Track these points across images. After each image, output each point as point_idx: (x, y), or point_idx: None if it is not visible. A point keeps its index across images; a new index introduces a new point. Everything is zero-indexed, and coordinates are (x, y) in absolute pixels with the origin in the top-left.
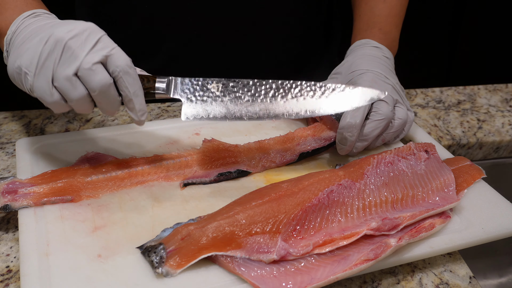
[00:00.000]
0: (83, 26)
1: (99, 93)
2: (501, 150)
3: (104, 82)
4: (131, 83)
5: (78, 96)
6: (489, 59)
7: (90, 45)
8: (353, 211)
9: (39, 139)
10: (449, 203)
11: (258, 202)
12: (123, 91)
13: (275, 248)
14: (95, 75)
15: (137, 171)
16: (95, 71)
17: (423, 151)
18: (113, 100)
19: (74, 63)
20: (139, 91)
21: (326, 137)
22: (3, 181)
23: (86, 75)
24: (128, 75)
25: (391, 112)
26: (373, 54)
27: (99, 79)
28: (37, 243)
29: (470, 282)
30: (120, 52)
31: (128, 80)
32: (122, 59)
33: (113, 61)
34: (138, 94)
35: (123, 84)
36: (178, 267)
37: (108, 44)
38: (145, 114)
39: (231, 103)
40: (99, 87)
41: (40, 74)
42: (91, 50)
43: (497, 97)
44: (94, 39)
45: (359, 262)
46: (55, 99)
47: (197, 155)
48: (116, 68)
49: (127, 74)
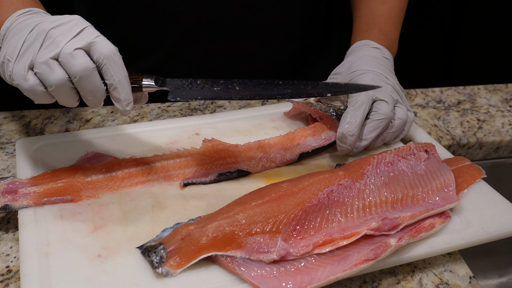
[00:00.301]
0: (69, 18)
1: (80, 78)
2: (501, 150)
3: (86, 66)
4: (116, 70)
5: (56, 80)
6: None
7: (74, 33)
8: (353, 211)
9: (39, 139)
10: (449, 203)
11: (258, 202)
12: (107, 79)
13: (275, 248)
14: (76, 59)
15: (137, 171)
16: (76, 56)
17: (423, 151)
18: (96, 88)
19: (54, 49)
20: (124, 79)
21: (326, 136)
22: (3, 181)
23: (67, 59)
24: (113, 62)
25: (391, 112)
26: (373, 55)
27: (80, 63)
28: (37, 243)
29: (470, 282)
30: (104, 40)
31: (113, 67)
32: (106, 47)
33: (97, 48)
34: (123, 82)
35: (107, 71)
36: (178, 267)
37: (92, 33)
38: (130, 104)
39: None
40: (80, 71)
41: (20, 60)
42: (74, 37)
43: (497, 97)
44: (78, 29)
45: (359, 262)
46: (31, 83)
47: (197, 155)
48: (100, 55)
49: (112, 61)
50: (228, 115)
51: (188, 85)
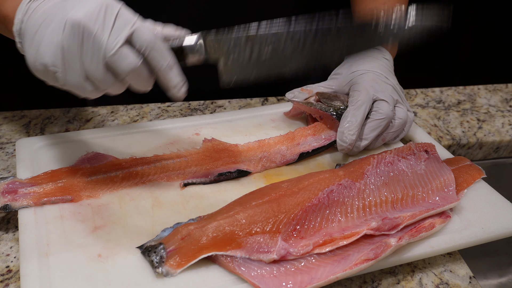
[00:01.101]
0: (97, 1)
1: (130, 76)
2: (501, 150)
3: (133, 66)
4: (161, 57)
5: (110, 85)
6: (489, 59)
7: (110, 24)
8: (353, 211)
9: (39, 139)
10: (449, 203)
11: (258, 202)
12: (154, 66)
13: (275, 248)
14: (122, 60)
15: (137, 171)
16: (121, 56)
17: (423, 151)
18: (146, 79)
19: (99, 51)
20: (172, 63)
21: (326, 136)
22: (3, 181)
23: (113, 62)
24: (156, 50)
25: (392, 112)
26: (373, 55)
27: (127, 64)
28: (37, 243)
29: (470, 282)
30: (143, 26)
31: (156, 55)
32: (146, 33)
33: (138, 37)
34: (171, 67)
35: (153, 59)
36: (178, 266)
37: (128, 18)
38: (183, 88)
39: (271, 59)
40: (129, 71)
41: (69, 70)
42: (111, 31)
43: (497, 97)
44: (112, 16)
45: (359, 262)
46: (89, 90)
47: (197, 155)
48: (143, 44)
49: (155, 49)
50: (228, 115)
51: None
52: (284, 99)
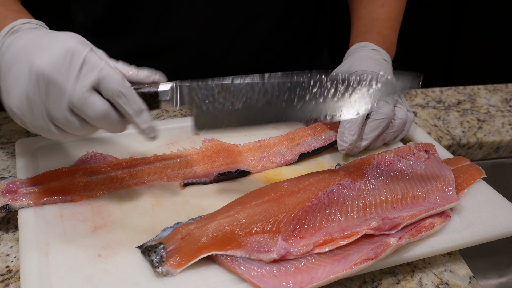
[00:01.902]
0: (63, 48)
1: (99, 122)
2: (501, 150)
3: (101, 111)
4: (129, 104)
5: (77, 128)
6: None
7: (75, 72)
8: (353, 211)
9: (39, 139)
10: (449, 202)
11: (258, 202)
12: (123, 112)
13: (275, 248)
14: (89, 107)
15: (137, 171)
16: (88, 103)
17: (423, 151)
18: (116, 123)
19: (63, 98)
20: (140, 109)
21: (326, 136)
22: (3, 181)
23: (80, 107)
24: (123, 96)
25: (392, 112)
26: (372, 57)
27: (94, 109)
28: (37, 243)
29: (470, 282)
30: (110, 72)
31: (125, 101)
32: (113, 80)
33: (105, 84)
34: (141, 112)
35: (120, 107)
36: (178, 266)
37: (94, 64)
38: (153, 131)
39: (244, 109)
40: (97, 116)
41: (34, 115)
42: (77, 77)
43: (497, 97)
44: (78, 62)
45: (359, 262)
46: (56, 134)
47: (197, 155)
48: (108, 92)
49: (122, 95)
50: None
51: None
52: None
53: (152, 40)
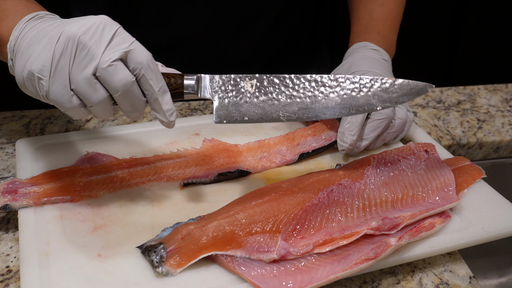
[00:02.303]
0: (96, 20)
1: (121, 93)
2: (501, 150)
3: (126, 81)
4: (155, 80)
5: (99, 99)
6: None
7: (106, 40)
8: (353, 211)
9: (39, 139)
10: (449, 202)
11: (258, 202)
12: (147, 90)
13: (275, 248)
14: (116, 74)
15: (137, 171)
16: (115, 70)
17: (423, 151)
18: (138, 100)
19: (91, 62)
20: (164, 88)
21: (326, 136)
22: (3, 181)
23: (106, 75)
24: (150, 71)
25: (392, 112)
26: (372, 56)
27: (120, 78)
28: (37, 243)
29: (470, 282)
30: (140, 47)
31: (151, 77)
32: (143, 55)
33: (134, 57)
34: (165, 92)
35: (146, 82)
36: (178, 266)
37: (125, 38)
38: (174, 114)
39: (266, 103)
40: (121, 86)
41: (55, 78)
42: (107, 46)
43: (497, 97)
44: (110, 33)
45: (359, 262)
46: (74, 104)
47: (197, 155)
48: (138, 65)
49: (150, 70)
50: None
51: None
52: None
53: (151, 40)
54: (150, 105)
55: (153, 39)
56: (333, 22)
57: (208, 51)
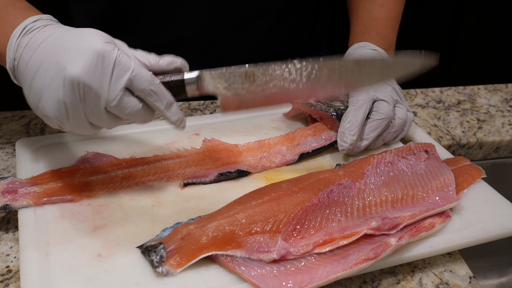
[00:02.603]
0: (92, 51)
1: (132, 118)
2: (501, 150)
3: (135, 111)
4: (160, 101)
5: (113, 125)
6: (489, 59)
7: (108, 76)
8: (353, 211)
9: (39, 139)
10: (449, 202)
11: (258, 202)
12: (154, 107)
13: (275, 248)
14: (124, 108)
15: (137, 171)
16: (123, 103)
17: (423, 151)
18: (147, 116)
19: (99, 102)
20: (170, 102)
21: (326, 136)
22: (3, 181)
23: (116, 108)
24: (154, 94)
25: (392, 112)
26: (371, 56)
27: (129, 110)
28: (37, 243)
29: (470, 282)
30: (140, 71)
31: (155, 98)
32: (144, 80)
33: (136, 86)
34: (170, 105)
35: (152, 104)
36: (178, 266)
37: (125, 65)
38: (183, 122)
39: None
40: (132, 115)
41: (74, 122)
42: (110, 82)
43: (497, 97)
44: (109, 67)
45: (359, 262)
46: (91, 130)
47: (197, 155)
48: (141, 92)
49: (153, 93)
50: (228, 115)
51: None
52: None
53: (151, 40)
54: (161, 115)
55: (153, 39)
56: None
57: (208, 51)
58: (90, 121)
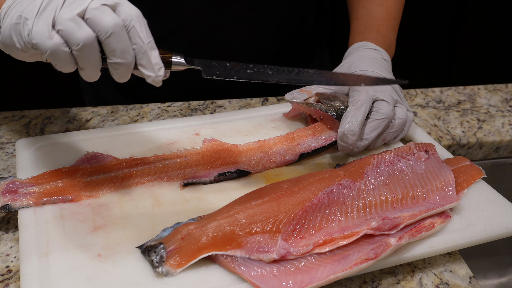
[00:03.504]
0: None
1: (111, 35)
2: (501, 150)
3: (116, 22)
4: (145, 33)
5: (84, 37)
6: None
7: None
8: (353, 211)
9: (39, 139)
10: (449, 202)
11: (258, 202)
12: (136, 43)
13: (275, 248)
14: (106, 14)
15: (137, 171)
16: (104, 11)
17: (423, 151)
18: (127, 47)
19: (80, 5)
20: (153, 45)
21: (326, 137)
22: (3, 181)
23: (95, 15)
24: (140, 25)
25: (392, 112)
26: (371, 56)
27: (111, 18)
28: (37, 243)
29: (470, 282)
30: (129, 3)
31: (142, 29)
32: (133, 8)
33: (124, 10)
34: (154, 48)
35: (136, 34)
36: (178, 266)
37: None
38: (162, 69)
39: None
40: (112, 26)
41: (40, 17)
42: None
43: (497, 97)
44: None
45: (359, 262)
46: (55, 41)
47: (197, 155)
48: (128, 16)
49: (140, 22)
50: (228, 115)
51: (219, 66)
52: (284, 99)
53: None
54: (138, 61)
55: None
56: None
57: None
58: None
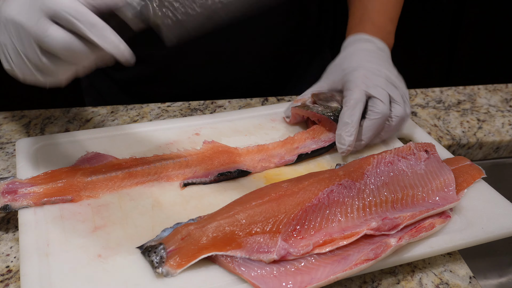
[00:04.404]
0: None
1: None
2: (501, 150)
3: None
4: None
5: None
6: (489, 59)
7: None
8: (353, 211)
9: (39, 139)
10: (449, 203)
11: (258, 202)
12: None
13: (275, 248)
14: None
15: (137, 171)
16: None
17: (423, 151)
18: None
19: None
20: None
21: (325, 139)
22: (3, 181)
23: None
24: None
25: (387, 109)
26: (364, 48)
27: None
28: (37, 243)
29: (470, 282)
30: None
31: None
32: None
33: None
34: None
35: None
36: (178, 267)
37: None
38: (123, 51)
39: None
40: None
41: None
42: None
43: (497, 97)
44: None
45: (359, 262)
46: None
47: (197, 155)
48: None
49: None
50: (228, 115)
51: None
52: (284, 99)
53: None
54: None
55: None
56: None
57: (207, 52)
58: (31, 64)
